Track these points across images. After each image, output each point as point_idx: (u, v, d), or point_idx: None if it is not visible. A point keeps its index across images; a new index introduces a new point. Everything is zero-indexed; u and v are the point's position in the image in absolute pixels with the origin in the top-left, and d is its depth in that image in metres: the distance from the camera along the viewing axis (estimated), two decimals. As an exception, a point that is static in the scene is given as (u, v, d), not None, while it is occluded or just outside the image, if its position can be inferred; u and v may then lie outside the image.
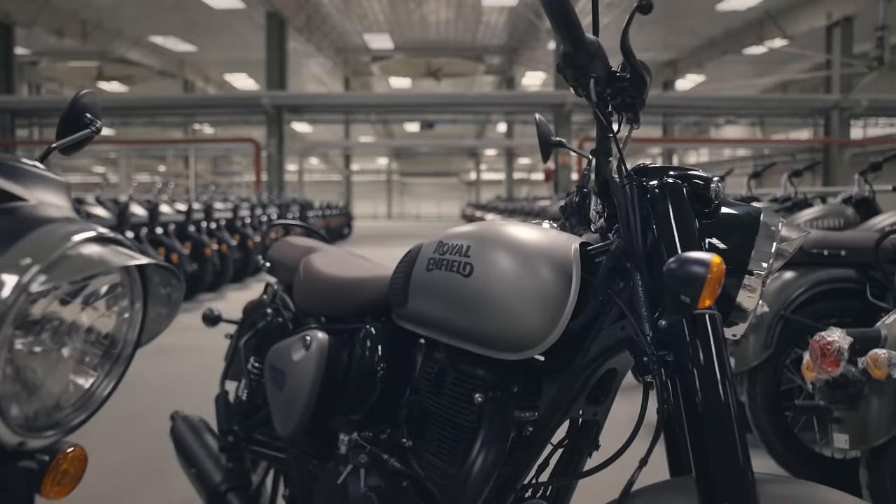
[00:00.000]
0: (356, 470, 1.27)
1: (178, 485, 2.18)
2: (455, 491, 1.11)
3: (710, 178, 1.01)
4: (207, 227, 7.24)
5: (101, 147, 28.79)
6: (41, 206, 0.64)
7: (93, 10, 18.16)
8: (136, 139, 25.57)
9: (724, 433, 0.86)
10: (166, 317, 0.70)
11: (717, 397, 0.88)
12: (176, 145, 25.96)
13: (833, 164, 17.28)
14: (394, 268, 1.37)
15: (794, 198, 4.50)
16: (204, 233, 7.02)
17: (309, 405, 1.42)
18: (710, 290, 0.84)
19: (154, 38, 20.98)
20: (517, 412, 1.13)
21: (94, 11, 18.26)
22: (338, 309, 1.53)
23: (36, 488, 0.68)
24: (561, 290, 1.04)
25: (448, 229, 1.27)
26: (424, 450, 1.25)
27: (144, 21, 19.15)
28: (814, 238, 2.59)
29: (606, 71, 0.98)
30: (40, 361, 0.60)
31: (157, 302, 0.67)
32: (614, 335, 1.00)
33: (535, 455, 1.14)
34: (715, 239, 1.00)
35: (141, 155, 30.06)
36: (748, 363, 2.46)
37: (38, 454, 0.69)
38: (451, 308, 1.14)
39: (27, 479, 0.65)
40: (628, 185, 1.01)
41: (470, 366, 1.17)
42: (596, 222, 1.09)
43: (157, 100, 20.21)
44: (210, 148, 27.53)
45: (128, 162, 29.41)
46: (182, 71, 24.14)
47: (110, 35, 19.84)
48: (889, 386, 1.70)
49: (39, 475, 0.68)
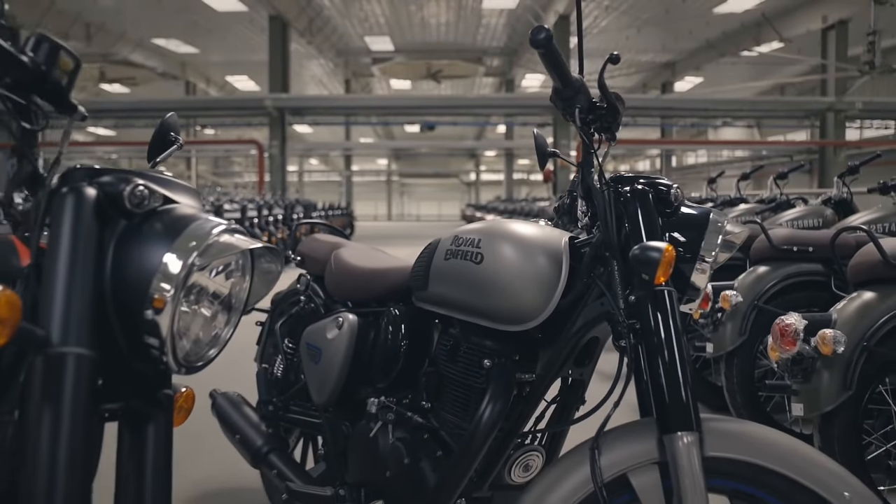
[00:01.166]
0: (385, 426, 1.53)
1: (220, 453, 2.55)
2: (467, 439, 1.37)
3: (671, 185, 1.28)
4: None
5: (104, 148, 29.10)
6: (186, 207, 0.89)
7: (97, 13, 18.35)
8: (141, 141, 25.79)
9: (676, 381, 1.13)
10: (267, 284, 0.96)
11: (672, 354, 1.14)
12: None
13: (828, 166, 17.51)
14: (408, 260, 1.63)
15: (778, 199, 4.76)
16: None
17: (342, 376, 1.68)
18: (664, 270, 1.10)
19: (157, 40, 21.16)
20: (518, 374, 1.39)
21: (99, 14, 18.46)
22: (365, 295, 1.79)
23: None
24: (553, 274, 1.31)
25: (455, 228, 1.53)
26: (441, 409, 1.51)
27: (148, 24, 19.34)
28: (784, 235, 2.86)
29: (588, 102, 1.25)
30: (191, 315, 0.86)
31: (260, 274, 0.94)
32: (596, 310, 1.27)
33: (532, 409, 1.40)
34: (675, 233, 1.27)
35: (141, 156, 30.28)
36: (725, 348, 2.72)
37: (167, 389, 0.95)
38: (465, 290, 1.40)
39: (170, 403, 0.91)
40: (606, 191, 1.27)
41: (480, 337, 1.43)
42: (581, 220, 1.36)
43: (161, 102, 20.42)
44: (211, 149, 27.76)
45: (129, 163, 29.73)
46: (184, 73, 24.33)
47: (113, 37, 20.04)
48: (836, 361, 1.97)
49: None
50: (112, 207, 0.82)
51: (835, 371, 2.01)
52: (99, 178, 0.84)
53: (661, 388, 1.13)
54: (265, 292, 0.94)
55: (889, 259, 2.09)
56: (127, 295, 0.80)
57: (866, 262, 2.17)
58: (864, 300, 2.09)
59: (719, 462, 1.10)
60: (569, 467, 1.16)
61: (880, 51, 11.08)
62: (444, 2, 18.09)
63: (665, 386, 1.13)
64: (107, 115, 20.05)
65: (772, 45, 18.97)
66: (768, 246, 2.82)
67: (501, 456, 1.41)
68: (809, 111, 18.57)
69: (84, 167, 0.85)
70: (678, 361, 1.14)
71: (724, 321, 2.71)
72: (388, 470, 1.49)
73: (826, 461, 1.10)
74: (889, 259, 2.09)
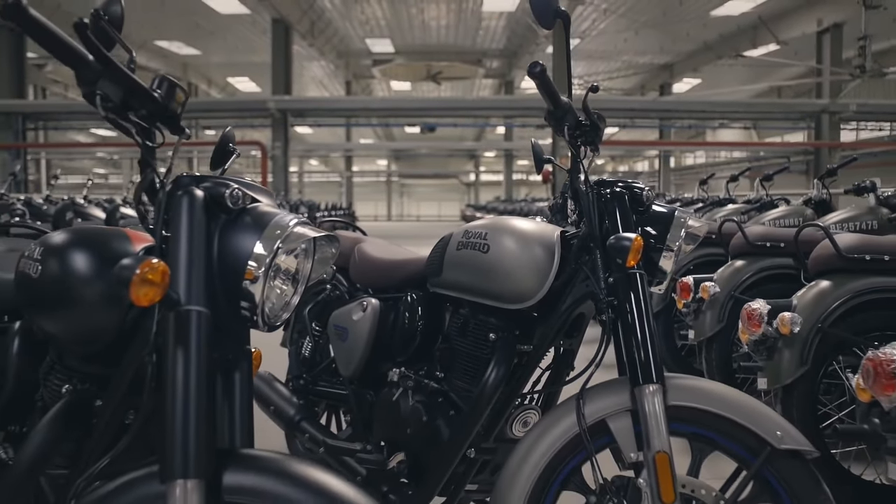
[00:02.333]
0: (405, 391, 1.81)
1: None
2: (475, 400, 1.65)
3: (644, 188, 1.56)
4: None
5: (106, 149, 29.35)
6: (268, 205, 1.16)
7: (102, 15, 18.67)
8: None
9: (646, 345, 1.40)
10: (324, 264, 1.22)
11: (642, 323, 1.42)
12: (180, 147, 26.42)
13: (823, 166, 17.75)
14: (421, 252, 1.91)
15: (763, 199, 5.05)
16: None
17: (366, 352, 1.95)
18: (633, 255, 1.38)
19: (159, 42, 21.38)
20: (518, 345, 1.67)
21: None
22: (385, 282, 2.07)
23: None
24: (547, 261, 1.58)
25: (458, 226, 1.81)
26: (452, 376, 1.79)
27: (151, 26, 19.55)
28: (759, 232, 3.14)
29: (575, 120, 1.53)
30: (271, 286, 1.13)
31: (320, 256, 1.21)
32: (582, 290, 1.55)
33: (529, 374, 1.68)
34: (648, 227, 1.54)
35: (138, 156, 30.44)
36: (704, 334, 2.99)
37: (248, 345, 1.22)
38: (474, 275, 1.68)
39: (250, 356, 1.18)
40: (590, 193, 1.55)
41: (486, 315, 1.71)
42: (571, 217, 1.64)
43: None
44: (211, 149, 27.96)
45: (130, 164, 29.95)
46: (185, 74, 24.59)
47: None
48: (794, 340, 2.25)
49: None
50: (216, 205, 1.09)
51: (793, 349, 2.30)
52: (203, 183, 1.11)
53: (632, 351, 1.41)
54: (322, 270, 1.21)
55: (842, 252, 2.37)
56: (229, 270, 1.07)
57: (823, 255, 2.45)
58: (819, 288, 2.38)
59: (679, 409, 1.38)
60: (559, 415, 1.44)
61: (871, 55, 11.35)
62: (445, 4, 18.31)
63: (636, 349, 1.41)
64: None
65: (769, 47, 19.25)
66: (744, 242, 3.11)
67: (503, 414, 1.69)
68: (805, 113, 18.82)
69: (189, 175, 1.13)
70: (647, 329, 1.42)
71: (704, 310, 2.99)
72: (408, 428, 1.77)
73: (764, 409, 1.38)
74: (842, 252, 2.37)
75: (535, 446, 1.43)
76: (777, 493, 1.36)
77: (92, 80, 1.03)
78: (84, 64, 1.03)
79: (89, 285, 1.16)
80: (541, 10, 1.47)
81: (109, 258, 1.16)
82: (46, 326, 1.25)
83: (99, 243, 1.21)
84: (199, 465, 0.96)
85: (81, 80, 1.04)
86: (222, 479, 0.99)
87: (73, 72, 1.05)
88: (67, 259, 1.18)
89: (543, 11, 1.47)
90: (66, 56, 1.02)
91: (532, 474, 1.41)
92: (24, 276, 1.24)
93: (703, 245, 3.66)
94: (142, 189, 1.11)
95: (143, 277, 0.93)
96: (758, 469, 1.34)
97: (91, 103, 1.05)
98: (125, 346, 1.17)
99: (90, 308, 1.17)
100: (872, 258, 2.33)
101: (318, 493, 0.98)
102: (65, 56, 1.02)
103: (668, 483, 1.33)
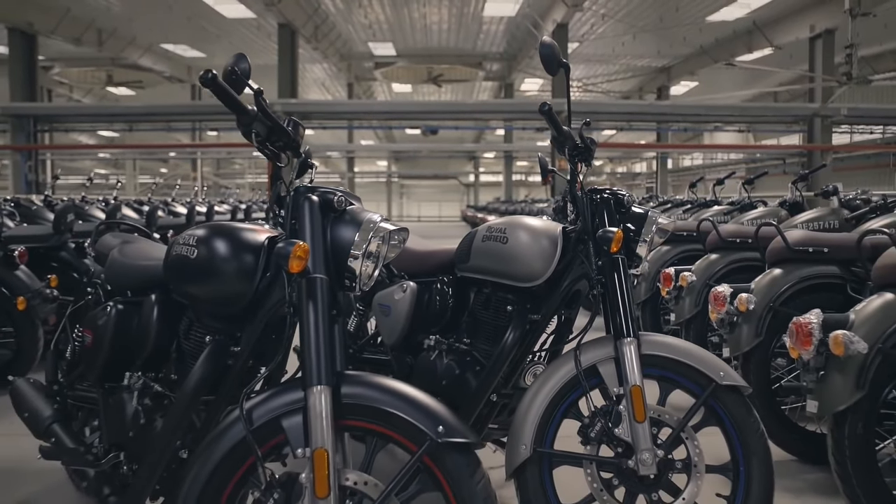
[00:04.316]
0: (440, 353, 2.31)
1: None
2: (495, 357, 2.15)
3: (626, 194, 2.05)
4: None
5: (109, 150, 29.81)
6: (359, 207, 1.66)
7: (110, 20, 18.90)
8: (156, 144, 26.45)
9: (625, 310, 1.90)
10: (395, 250, 1.72)
11: (623, 295, 1.91)
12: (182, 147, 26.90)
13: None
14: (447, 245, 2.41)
15: (744, 201, 5.57)
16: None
17: (406, 325, 2.44)
18: (616, 244, 1.88)
19: (165, 45, 21.69)
20: (529, 315, 2.16)
21: (112, 21, 18.98)
22: (419, 269, 2.56)
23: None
24: (552, 250, 2.08)
25: (488, 222, 2.31)
26: (477, 341, 2.29)
27: (158, 30, 19.93)
28: (730, 230, 3.64)
29: (574, 144, 2.03)
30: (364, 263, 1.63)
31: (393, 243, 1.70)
32: (578, 271, 2.04)
33: (538, 337, 2.18)
34: (628, 224, 2.04)
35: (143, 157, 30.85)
36: (683, 317, 3.46)
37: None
38: (495, 261, 2.18)
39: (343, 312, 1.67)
40: (585, 198, 2.05)
41: (504, 292, 2.21)
42: (570, 216, 2.14)
43: (174, 107, 21.08)
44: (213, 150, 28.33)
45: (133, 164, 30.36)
46: (190, 76, 24.86)
47: (124, 43, 20.57)
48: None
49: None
50: (327, 207, 1.59)
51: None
52: (316, 191, 1.61)
53: (616, 314, 1.91)
54: (393, 255, 1.71)
55: (790, 245, 2.83)
56: (337, 252, 1.57)
57: (776, 247, 2.92)
58: (773, 275, 2.86)
59: (650, 357, 1.88)
60: (561, 363, 1.94)
61: (857, 62, 11.87)
62: (447, 8, 18.72)
63: (618, 312, 1.91)
64: (122, 119, 20.74)
65: (764, 51, 19.74)
66: (718, 238, 3.61)
67: (518, 368, 2.20)
68: (797, 117, 19.30)
69: (305, 186, 1.62)
70: (627, 298, 1.91)
71: (683, 297, 3.47)
72: (444, 380, 2.27)
73: (713, 357, 1.88)
74: (790, 245, 2.83)
75: (544, 385, 1.93)
76: (721, 418, 1.86)
77: (249, 123, 1.53)
78: (245, 112, 1.53)
79: (233, 263, 1.66)
80: (548, 59, 1.97)
81: (246, 244, 1.66)
82: (198, 294, 1.75)
83: (237, 233, 1.71)
84: (328, 377, 1.45)
85: (241, 122, 1.53)
86: (340, 388, 1.48)
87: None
88: (217, 245, 1.69)
89: (550, 61, 1.96)
90: (236, 107, 1.52)
91: (541, 406, 1.91)
92: (181, 258, 1.74)
93: (685, 241, 4.16)
94: (275, 195, 1.61)
95: (297, 254, 1.43)
96: (706, 399, 1.84)
97: (247, 138, 1.55)
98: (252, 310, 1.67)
99: (233, 280, 1.67)
100: (815, 250, 2.82)
101: (404, 399, 1.48)
102: (235, 107, 1.52)
103: (641, 409, 1.83)
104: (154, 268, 2.00)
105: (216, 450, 1.49)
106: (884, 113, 19.69)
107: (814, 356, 2.12)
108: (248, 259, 1.66)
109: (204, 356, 1.72)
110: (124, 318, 2.01)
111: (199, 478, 1.48)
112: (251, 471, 1.51)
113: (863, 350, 2.05)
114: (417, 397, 1.50)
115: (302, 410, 1.46)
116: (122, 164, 33.86)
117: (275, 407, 1.49)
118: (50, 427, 2.17)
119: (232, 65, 1.61)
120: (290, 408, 1.48)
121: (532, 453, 1.87)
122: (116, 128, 24.50)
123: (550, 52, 1.96)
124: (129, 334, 1.99)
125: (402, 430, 1.47)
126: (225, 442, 1.49)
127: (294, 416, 1.47)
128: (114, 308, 2.03)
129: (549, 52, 1.96)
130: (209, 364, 1.71)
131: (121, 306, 2.03)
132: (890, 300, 2.18)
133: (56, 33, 18.33)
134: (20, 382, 2.38)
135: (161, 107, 20.33)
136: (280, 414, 1.48)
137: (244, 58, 1.62)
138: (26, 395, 2.31)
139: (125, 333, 1.99)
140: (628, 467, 1.84)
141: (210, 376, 1.71)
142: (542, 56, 1.96)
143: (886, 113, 19.72)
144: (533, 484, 1.88)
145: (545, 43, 1.97)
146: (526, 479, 1.89)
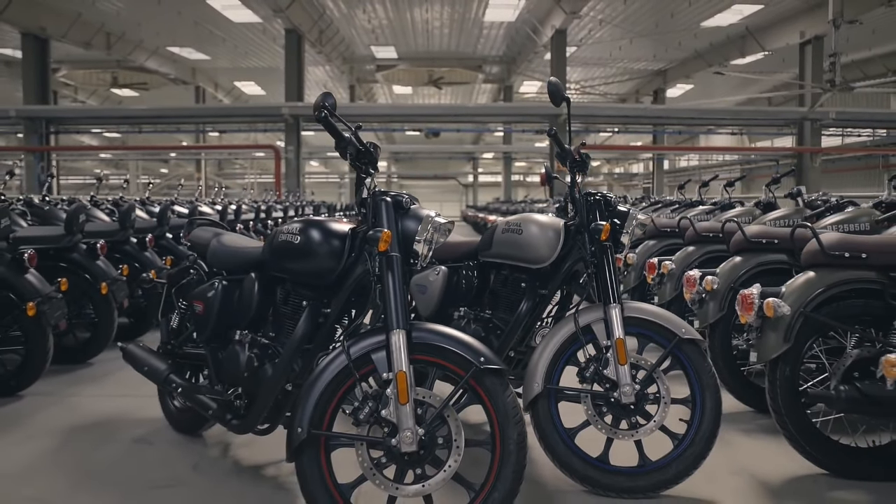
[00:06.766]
0: (468, 322, 2.94)
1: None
2: (512, 323, 2.77)
3: (612, 197, 2.68)
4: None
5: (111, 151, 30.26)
6: (418, 206, 2.27)
7: (119, 24, 19.36)
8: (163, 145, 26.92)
9: (612, 284, 2.53)
10: (445, 236, 2.34)
11: (610, 274, 2.53)
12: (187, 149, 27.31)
13: (805, 170, 18.82)
14: (469, 237, 3.03)
15: (724, 202, 6.22)
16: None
17: (439, 300, 3.05)
18: (605, 234, 2.50)
19: (171, 48, 22.13)
20: (539, 290, 2.79)
21: (121, 25, 19.45)
22: (448, 256, 3.17)
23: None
24: (556, 239, 2.70)
25: (507, 217, 2.94)
26: (497, 312, 2.91)
27: (165, 34, 20.20)
28: (705, 227, 4.25)
29: (573, 159, 2.66)
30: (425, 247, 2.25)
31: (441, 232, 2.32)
32: (576, 256, 2.66)
33: (545, 307, 2.81)
34: (615, 219, 2.67)
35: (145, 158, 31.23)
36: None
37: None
38: (512, 248, 2.80)
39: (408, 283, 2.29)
40: (582, 200, 2.67)
41: (519, 273, 2.83)
42: (569, 214, 2.77)
43: (182, 109, 21.53)
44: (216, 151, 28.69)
45: (136, 165, 30.85)
46: (194, 78, 25.40)
47: (131, 45, 20.93)
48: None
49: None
50: (397, 206, 2.20)
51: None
52: (389, 194, 2.22)
53: (605, 288, 2.54)
54: (442, 240, 2.32)
55: (747, 237, 3.39)
56: (405, 239, 2.18)
57: (736, 241, 3.47)
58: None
59: (631, 318, 2.51)
60: (563, 324, 2.56)
61: (840, 70, 12.52)
62: (448, 13, 19.13)
63: (605, 287, 2.54)
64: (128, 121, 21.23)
65: (756, 55, 20.33)
66: (694, 233, 4.21)
67: (529, 331, 2.82)
68: (788, 120, 19.89)
69: (381, 191, 2.23)
70: (613, 277, 2.54)
71: (665, 283, 4.07)
72: None
73: (677, 318, 2.51)
74: (747, 237, 3.39)
75: (551, 340, 2.55)
76: (683, 363, 2.49)
77: (345, 146, 2.15)
78: (343, 139, 2.15)
79: (326, 247, 2.28)
80: (554, 94, 2.60)
81: (335, 233, 2.29)
82: (299, 270, 2.36)
83: (328, 225, 2.33)
84: (404, 322, 2.07)
85: (339, 145, 2.15)
86: (412, 333, 2.10)
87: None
88: (314, 234, 2.31)
89: (556, 96, 2.60)
90: (337, 135, 2.13)
91: (549, 355, 2.53)
92: (286, 243, 2.36)
93: (668, 237, 4.77)
94: (359, 198, 2.23)
95: (384, 238, 2.05)
96: (671, 349, 2.47)
97: (342, 157, 2.16)
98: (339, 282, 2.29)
99: (327, 259, 2.28)
100: (767, 242, 3.44)
101: (455, 340, 2.10)
102: (337, 135, 2.13)
103: (623, 355, 2.46)
104: (252, 252, 2.62)
105: (324, 376, 2.04)
106: (870, 117, 20.35)
107: (754, 319, 2.71)
108: (337, 244, 2.27)
109: (304, 316, 2.34)
110: (229, 291, 2.64)
111: (312, 396, 2.02)
112: (349, 391, 2.06)
113: (787, 312, 2.65)
114: (464, 338, 2.07)
115: (384, 347, 2.02)
116: (123, 165, 34.40)
117: (366, 345, 2.06)
118: (168, 376, 2.80)
119: (325, 102, 2.12)
120: (377, 345, 2.05)
121: (542, 389, 2.50)
122: (123, 129, 24.94)
123: (556, 90, 2.59)
124: (233, 303, 2.62)
125: (454, 361, 2.03)
126: (331, 370, 2.04)
127: (380, 352, 2.03)
128: (220, 284, 2.66)
129: (555, 90, 2.59)
130: (308, 322, 2.33)
131: (225, 282, 2.66)
132: (811, 277, 2.77)
133: (67, 37, 18.73)
134: (132, 346, 3.04)
135: (169, 109, 20.82)
136: (370, 350, 2.05)
137: (330, 95, 2.19)
138: (141, 355, 2.96)
139: (230, 302, 2.62)
140: (615, 398, 2.48)
141: (309, 331, 2.33)
142: (550, 93, 2.59)
143: (873, 117, 20.39)
144: (544, 413, 2.51)
145: (552, 82, 2.60)
146: (538, 409, 2.52)
